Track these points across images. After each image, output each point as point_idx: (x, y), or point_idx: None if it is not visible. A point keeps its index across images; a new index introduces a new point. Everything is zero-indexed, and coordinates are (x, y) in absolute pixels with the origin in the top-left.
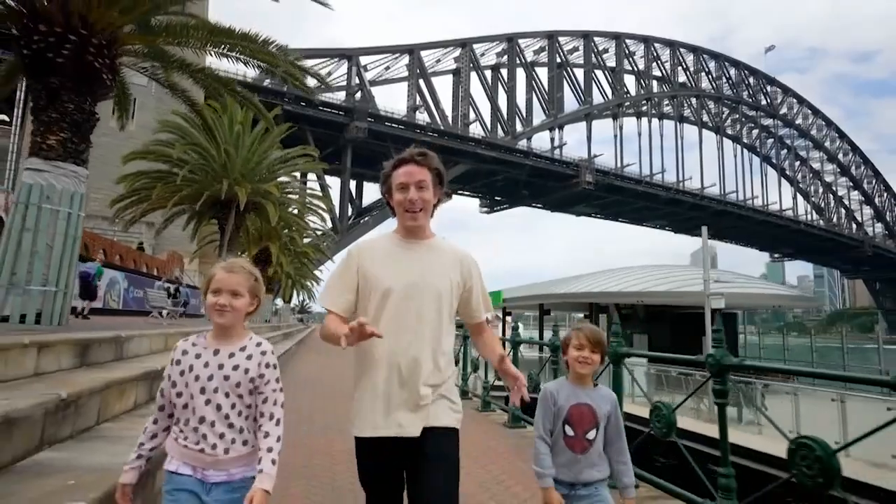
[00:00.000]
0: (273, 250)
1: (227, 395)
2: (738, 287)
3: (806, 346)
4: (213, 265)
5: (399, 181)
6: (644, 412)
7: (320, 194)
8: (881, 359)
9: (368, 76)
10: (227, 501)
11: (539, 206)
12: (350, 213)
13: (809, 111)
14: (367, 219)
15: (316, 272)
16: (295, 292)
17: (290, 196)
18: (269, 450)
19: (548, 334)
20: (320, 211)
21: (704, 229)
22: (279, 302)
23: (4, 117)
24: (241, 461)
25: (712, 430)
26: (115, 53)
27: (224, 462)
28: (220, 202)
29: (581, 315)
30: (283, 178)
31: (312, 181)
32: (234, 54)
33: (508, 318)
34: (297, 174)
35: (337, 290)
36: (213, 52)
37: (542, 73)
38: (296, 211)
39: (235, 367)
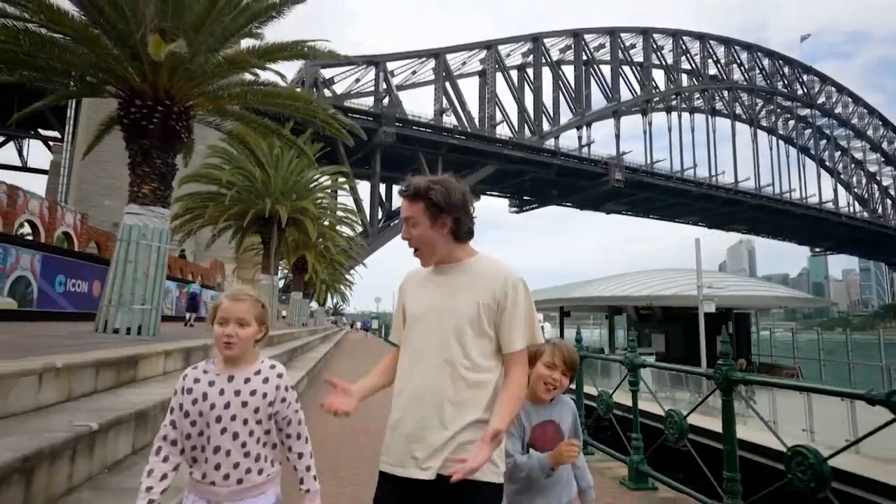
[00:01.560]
0: (309, 259)
1: (244, 421)
2: (741, 290)
3: (839, 342)
4: (225, 289)
5: (402, 214)
6: (652, 408)
7: (353, 207)
8: None
9: (395, 81)
10: None
11: (568, 204)
12: (380, 216)
13: (850, 99)
14: (396, 222)
15: (347, 276)
16: (329, 295)
17: (324, 210)
18: (308, 468)
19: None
20: (352, 222)
21: (698, 241)
22: (314, 305)
23: (57, 134)
24: (255, 490)
25: (719, 426)
26: (190, 116)
27: (238, 492)
28: (263, 218)
29: (604, 316)
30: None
31: (345, 195)
32: (282, 110)
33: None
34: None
35: (397, 323)
36: (265, 109)
37: (569, 72)
38: (327, 222)
39: (253, 393)
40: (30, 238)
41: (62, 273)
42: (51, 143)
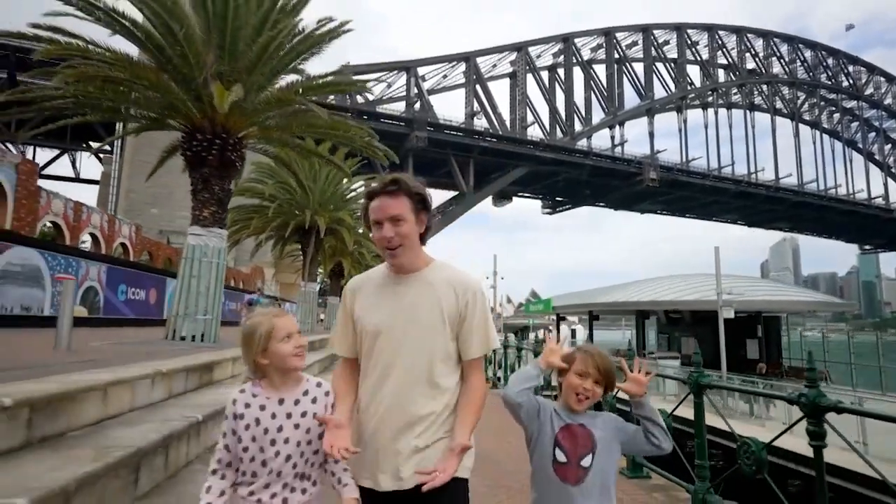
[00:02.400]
0: (345, 265)
1: (297, 444)
2: (762, 295)
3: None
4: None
5: (373, 217)
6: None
7: None
8: None
9: (426, 85)
10: None
11: (602, 204)
12: None
13: None
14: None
15: None
16: None
17: (359, 219)
18: (346, 469)
19: (605, 334)
20: None
21: (717, 248)
22: None
23: (107, 147)
24: None
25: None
26: (243, 146)
27: None
28: (303, 228)
29: (634, 319)
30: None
31: None
32: (323, 137)
33: (563, 326)
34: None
35: (340, 333)
36: (310, 137)
37: (600, 71)
38: (361, 230)
39: (304, 415)
40: (85, 249)
41: (124, 282)
42: (101, 156)
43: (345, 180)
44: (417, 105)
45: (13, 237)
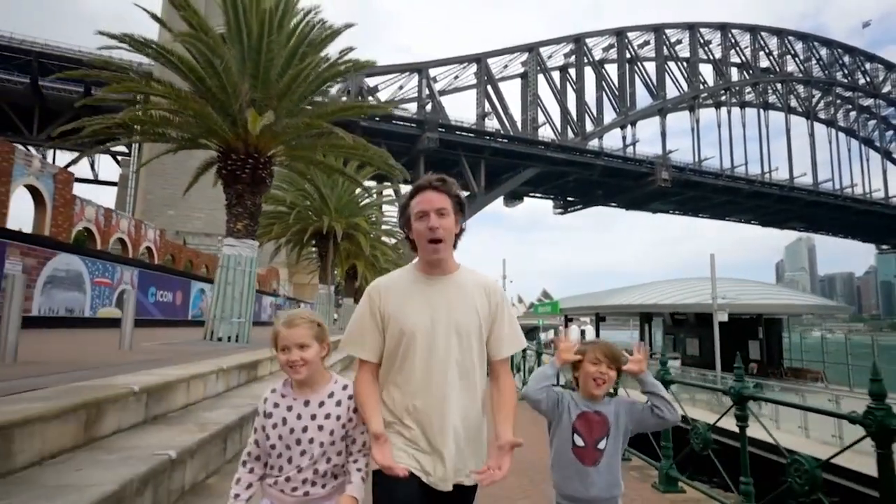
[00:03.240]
0: (359, 268)
1: (321, 444)
2: (760, 298)
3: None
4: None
5: (418, 209)
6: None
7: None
8: None
9: (438, 86)
10: None
11: (614, 204)
12: None
13: None
14: None
15: None
16: None
17: (374, 224)
18: (359, 470)
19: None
20: (396, 233)
21: (712, 256)
22: None
23: (125, 149)
24: (319, 501)
25: (729, 424)
26: (272, 164)
27: (303, 502)
28: (320, 233)
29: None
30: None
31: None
32: (344, 156)
33: (572, 326)
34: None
35: (362, 335)
36: (332, 156)
37: (612, 71)
38: (373, 234)
39: (328, 416)
40: (116, 253)
41: (153, 285)
42: (119, 158)
43: (357, 189)
44: (429, 106)
45: (60, 245)
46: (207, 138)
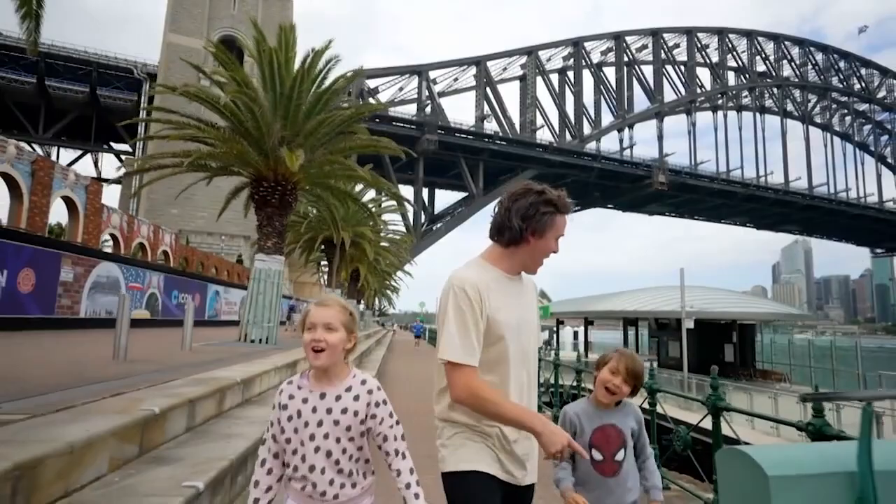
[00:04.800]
0: (362, 270)
1: (337, 440)
2: (728, 307)
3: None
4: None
5: (562, 232)
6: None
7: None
8: None
9: (437, 88)
10: None
11: (611, 206)
12: (423, 220)
13: None
14: (439, 225)
15: (394, 283)
16: (376, 299)
17: (377, 233)
18: (408, 486)
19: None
20: (399, 239)
21: (682, 270)
22: (362, 306)
23: (128, 147)
24: (358, 500)
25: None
26: (297, 190)
27: None
28: (329, 241)
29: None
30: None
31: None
32: (356, 181)
33: (565, 328)
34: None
35: (473, 341)
36: (349, 184)
37: (610, 74)
38: (379, 241)
39: (344, 411)
40: (144, 260)
41: (176, 288)
42: (122, 157)
43: (365, 197)
44: (429, 108)
45: (101, 254)
46: (243, 168)
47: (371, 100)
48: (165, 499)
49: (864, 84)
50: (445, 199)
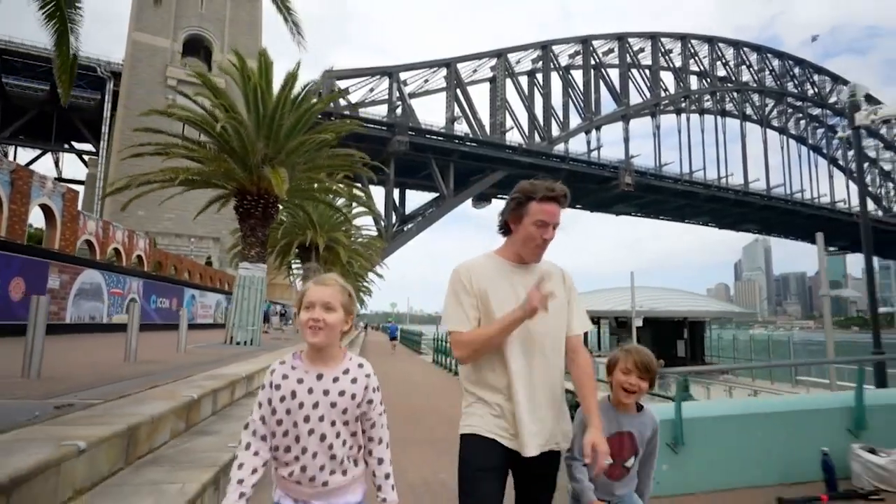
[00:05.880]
0: (336, 273)
1: (332, 423)
2: (675, 306)
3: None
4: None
5: (540, 217)
6: None
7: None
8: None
9: (408, 89)
10: None
11: (579, 207)
12: (394, 221)
13: (863, 98)
14: (410, 226)
15: (366, 284)
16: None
17: (350, 238)
18: (387, 476)
19: None
20: (373, 245)
21: (632, 273)
22: None
23: (92, 147)
24: (341, 491)
25: None
26: (278, 203)
27: (324, 494)
28: (303, 245)
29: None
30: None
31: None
32: (335, 196)
33: None
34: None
35: (469, 310)
36: (325, 196)
37: (578, 77)
38: (352, 245)
39: (342, 393)
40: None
41: (154, 293)
42: (86, 158)
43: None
44: (399, 110)
45: (87, 262)
46: (227, 183)
47: (342, 101)
48: (217, 454)
49: (816, 90)
50: (416, 199)
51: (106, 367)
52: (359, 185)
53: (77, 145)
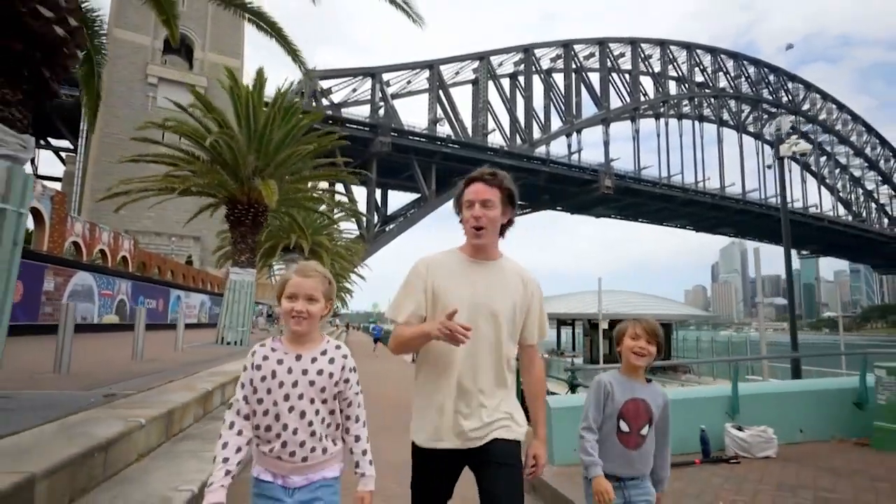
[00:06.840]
0: None
1: (311, 401)
2: (639, 308)
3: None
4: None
5: (467, 198)
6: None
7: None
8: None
9: (391, 90)
10: (308, 501)
11: (560, 209)
12: (376, 221)
13: (834, 106)
14: (392, 227)
15: (348, 285)
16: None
17: (333, 241)
18: (364, 452)
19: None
20: (354, 247)
21: (600, 279)
22: None
23: (69, 144)
24: (319, 467)
25: None
26: (268, 211)
27: (303, 469)
28: (287, 248)
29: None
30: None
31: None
32: (322, 204)
33: None
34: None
35: (410, 304)
36: (312, 204)
37: (559, 80)
38: (335, 248)
39: (320, 372)
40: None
41: (142, 294)
42: (63, 155)
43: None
44: (382, 110)
45: (80, 265)
46: (218, 192)
47: (325, 101)
48: None
49: (790, 97)
50: (398, 200)
51: (119, 364)
52: (342, 191)
53: (54, 142)
